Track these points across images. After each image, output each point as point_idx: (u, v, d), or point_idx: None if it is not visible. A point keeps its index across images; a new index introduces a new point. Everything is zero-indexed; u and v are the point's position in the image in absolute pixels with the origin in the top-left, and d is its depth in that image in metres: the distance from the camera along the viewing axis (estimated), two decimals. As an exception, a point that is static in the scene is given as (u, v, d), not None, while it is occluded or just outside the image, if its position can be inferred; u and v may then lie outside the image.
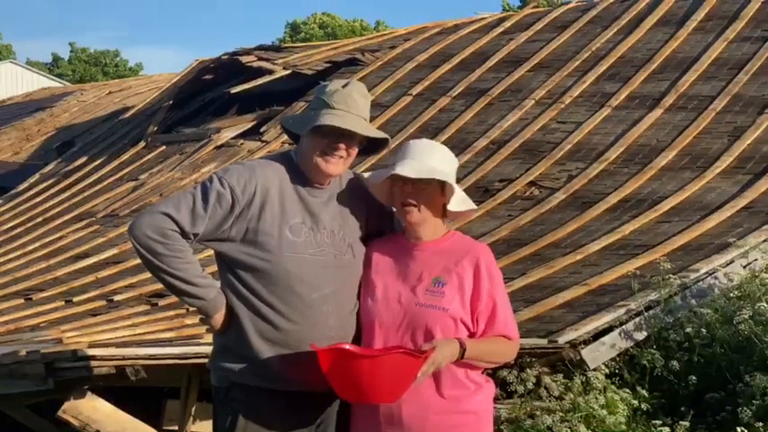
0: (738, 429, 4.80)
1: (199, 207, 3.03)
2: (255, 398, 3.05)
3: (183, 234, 3.02)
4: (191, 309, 6.69)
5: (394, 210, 3.17)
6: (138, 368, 3.91)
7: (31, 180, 12.84)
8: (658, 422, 4.96)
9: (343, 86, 3.14)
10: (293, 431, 3.07)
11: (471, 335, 2.98)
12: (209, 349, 3.87)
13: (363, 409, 3.02)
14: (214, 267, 3.28)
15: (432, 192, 3.04)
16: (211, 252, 3.24)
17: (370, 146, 3.25)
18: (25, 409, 5.00)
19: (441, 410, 2.95)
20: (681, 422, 4.88)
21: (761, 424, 4.85)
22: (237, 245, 3.07)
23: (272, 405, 3.05)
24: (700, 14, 11.55)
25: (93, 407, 4.00)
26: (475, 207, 3.17)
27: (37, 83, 32.31)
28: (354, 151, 3.16)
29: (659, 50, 10.92)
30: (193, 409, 4.86)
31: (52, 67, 52.62)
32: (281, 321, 3.04)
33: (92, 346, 4.06)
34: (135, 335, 5.83)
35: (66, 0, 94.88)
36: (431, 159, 3.06)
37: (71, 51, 54.73)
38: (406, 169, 3.02)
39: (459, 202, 3.08)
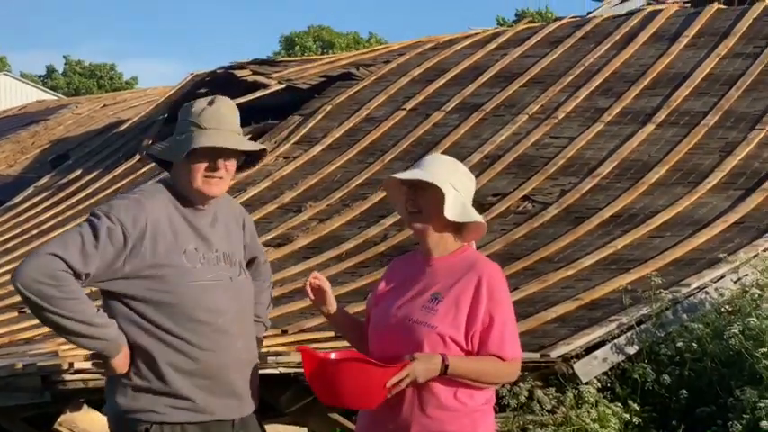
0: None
1: (89, 245, 2.87)
2: None
3: (75, 275, 2.86)
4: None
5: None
6: (135, 381, 3.94)
7: (26, 193, 12.85)
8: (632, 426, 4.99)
9: (210, 104, 3.07)
10: None
11: (467, 353, 2.94)
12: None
13: (361, 421, 3.06)
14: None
15: (432, 199, 2.99)
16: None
17: (248, 159, 3.18)
18: (21, 422, 5.00)
19: (422, 428, 2.93)
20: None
21: (750, 437, 4.89)
22: (134, 281, 2.93)
23: None
24: (692, 31, 11.65)
25: (89, 419, 4.02)
26: (480, 220, 3.09)
27: (31, 95, 32.32)
28: (233, 167, 3.08)
29: (651, 66, 11.00)
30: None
31: (46, 79, 52.69)
32: (194, 351, 2.95)
33: (88, 358, 4.08)
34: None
35: (61, 12, 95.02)
36: (435, 168, 3.03)
37: (65, 64, 54.83)
38: (405, 174, 3.02)
39: (458, 212, 3.01)
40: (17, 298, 8.39)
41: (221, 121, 3.01)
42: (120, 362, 2.93)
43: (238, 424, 3.02)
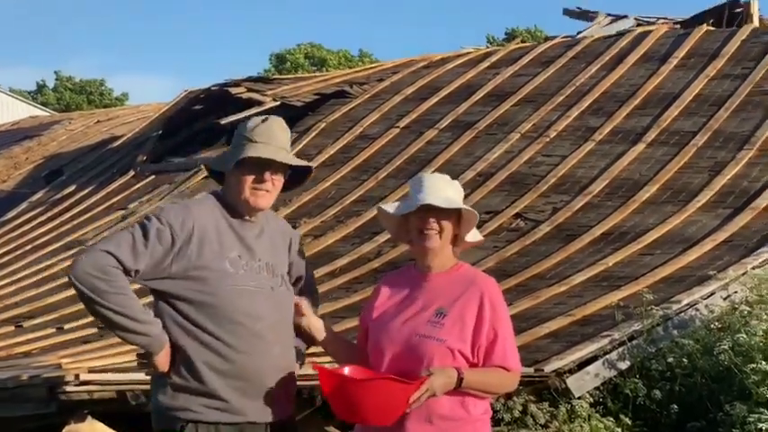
0: (718, 457, 4.93)
1: (139, 244, 3.05)
2: None
3: (125, 271, 3.02)
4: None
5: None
6: (139, 393, 4.02)
7: (20, 208, 12.89)
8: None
9: (263, 121, 3.26)
10: None
11: (472, 365, 3.07)
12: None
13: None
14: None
15: (450, 221, 3.17)
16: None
17: (294, 179, 3.34)
18: None
19: None
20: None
21: (739, 452, 4.97)
22: (179, 281, 3.09)
23: None
24: (681, 52, 11.80)
25: (92, 430, 4.09)
26: (482, 238, 3.30)
27: (21, 111, 32.29)
28: (280, 182, 3.25)
29: (642, 86, 11.14)
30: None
31: (36, 95, 52.65)
32: (230, 353, 3.08)
33: (92, 371, 4.15)
34: (127, 362, 5.91)
35: (49, 28, 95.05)
36: (449, 192, 3.19)
37: (56, 80, 54.82)
38: (438, 200, 3.14)
39: (473, 232, 3.23)
40: (14, 312, 8.48)
41: (271, 137, 3.19)
42: (162, 360, 3.07)
43: (272, 427, 3.12)
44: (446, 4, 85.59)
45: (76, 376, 3.92)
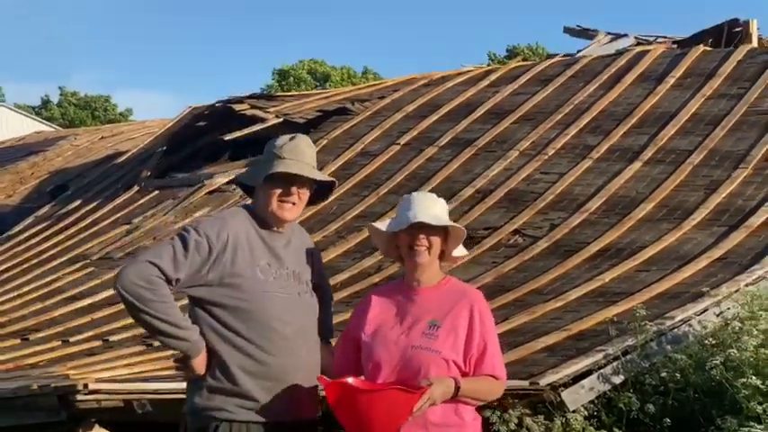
0: (708, 469, 5.04)
1: (179, 255, 3.27)
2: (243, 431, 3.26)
3: (167, 280, 3.25)
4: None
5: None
6: (145, 402, 4.16)
7: (26, 222, 13.05)
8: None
9: (291, 139, 3.49)
10: None
11: (464, 374, 3.25)
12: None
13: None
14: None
15: (438, 237, 3.37)
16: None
17: (319, 193, 3.57)
18: None
19: None
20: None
21: (729, 464, 5.07)
22: (215, 288, 3.32)
23: None
24: (678, 71, 11.95)
25: (99, 438, 4.23)
26: (467, 253, 3.48)
27: (26, 126, 32.49)
28: (305, 196, 3.48)
29: (639, 105, 11.28)
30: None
31: (41, 110, 52.88)
32: (261, 355, 3.30)
33: (99, 381, 4.29)
34: (132, 374, 6.04)
35: (54, 43, 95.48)
36: (436, 209, 3.39)
37: (61, 95, 55.08)
38: (427, 218, 3.34)
39: (459, 248, 3.44)
40: (21, 325, 8.62)
41: (298, 154, 3.41)
42: (199, 363, 3.28)
43: (298, 424, 3.32)
44: (448, 21, 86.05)
45: (85, 386, 4.06)
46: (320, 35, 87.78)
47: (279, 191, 3.40)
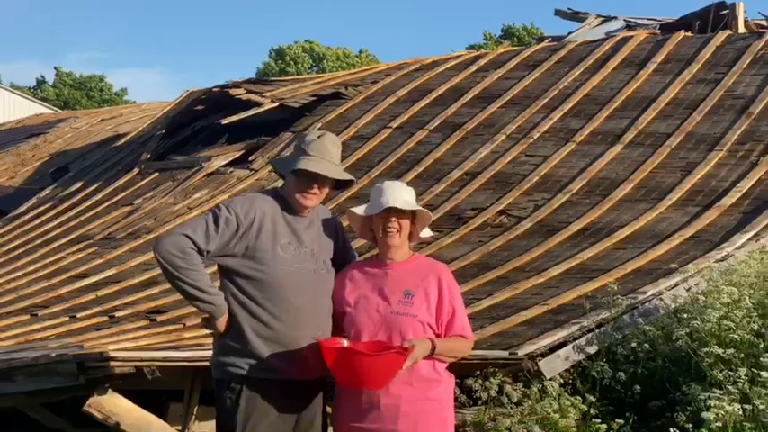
0: (671, 430, 5.44)
1: (211, 229, 3.76)
2: (253, 387, 3.74)
3: (199, 251, 3.75)
4: (187, 324, 7.39)
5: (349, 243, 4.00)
6: (154, 369, 4.59)
7: (29, 204, 13.34)
8: (598, 420, 5.59)
9: (319, 137, 3.95)
10: (284, 414, 3.77)
11: (437, 335, 3.75)
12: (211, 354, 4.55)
13: (347, 396, 3.73)
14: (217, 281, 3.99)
15: (407, 220, 3.86)
16: (215, 269, 3.96)
17: (340, 183, 4.05)
18: (41, 407, 5.59)
19: (410, 399, 3.69)
20: (616, 420, 5.52)
21: (690, 425, 5.48)
22: (240, 259, 3.80)
23: (267, 392, 3.75)
24: (659, 57, 12.34)
25: (113, 403, 4.66)
26: (433, 234, 3.96)
27: (23, 107, 32.68)
28: (326, 189, 3.96)
29: (621, 90, 11.68)
30: (195, 409, 5.50)
31: (36, 90, 53.02)
32: (273, 321, 3.76)
33: (114, 350, 4.72)
34: (138, 346, 6.45)
35: (48, 23, 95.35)
36: (405, 195, 3.87)
37: (56, 75, 55.19)
38: (398, 203, 3.82)
39: (426, 229, 3.92)
40: (29, 302, 9.02)
41: (323, 152, 3.87)
42: (222, 323, 3.77)
43: (301, 384, 3.79)
44: (444, 1, 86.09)
45: (101, 353, 4.50)
46: (316, 16, 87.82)
47: (302, 184, 3.86)
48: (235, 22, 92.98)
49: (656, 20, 19.52)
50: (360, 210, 3.91)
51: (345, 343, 3.72)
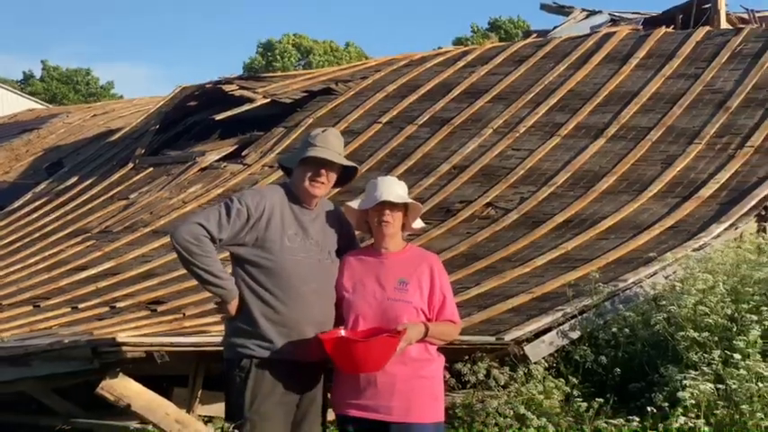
0: (648, 409, 5.76)
1: (224, 219, 4.07)
2: (261, 366, 4.06)
3: (212, 239, 4.06)
4: (186, 313, 7.67)
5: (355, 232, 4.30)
6: (163, 353, 4.88)
7: (25, 198, 13.58)
8: (579, 399, 5.90)
9: (323, 131, 4.30)
10: (289, 392, 4.08)
11: (428, 319, 4.08)
12: (217, 340, 4.87)
13: (346, 376, 4.04)
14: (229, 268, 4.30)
15: (400, 212, 4.18)
16: (227, 256, 4.27)
17: (343, 178, 4.33)
18: (52, 392, 5.85)
19: (404, 378, 4.02)
20: (596, 399, 5.83)
21: (666, 405, 5.78)
22: (249, 248, 4.10)
23: (273, 372, 4.06)
24: (641, 52, 12.66)
25: (124, 386, 4.91)
26: (424, 225, 4.25)
27: (11, 101, 32.75)
28: (333, 177, 4.25)
29: (604, 85, 12.00)
30: (199, 393, 5.78)
31: (23, 84, 53.05)
32: (280, 306, 4.07)
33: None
34: (140, 335, 6.71)
35: (34, 15, 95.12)
36: (398, 189, 4.19)
37: (43, 69, 55.23)
38: (391, 196, 4.14)
39: (418, 221, 4.25)
40: (31, 293, 9.28)
41: (328, 143, 4.19)
42: (233, 307, 4.08)
43: (305, 365, 4.10)
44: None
45: (113, 339, 4.79)
46: (303, 8, 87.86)
47: (310, 172, 4.15)
48: (222, 15, 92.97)
49: (640, 14, 19.84)
50: (356, 203, 4.22)
51: (343, 333, 4.02)
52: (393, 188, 4.16)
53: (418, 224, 4.28)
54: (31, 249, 11.18)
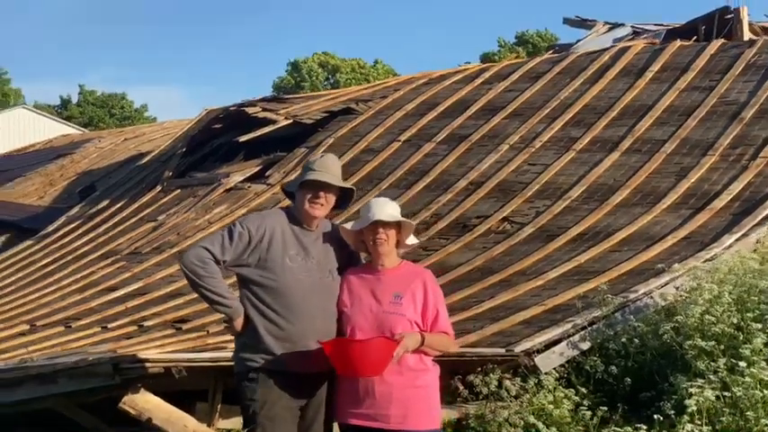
0: (655, 417, 5.90)
1: (227, 242, 4.38)
2: (268, 378, 4.32)
3: (216, 261, 4.35)
4: (210, 331, 7.95)
5: (355, 250, 4.52)
6: (181, 369, 5.13)
7: (59, 222, 13.91)
8: (584, 408, 6.05)
9: (321, 157, 4.59)
10: (296, 400, 4.35)
11: (422, 331, 4.31)
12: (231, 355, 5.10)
13: (346, 386, 4.28)
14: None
15: (394, 231, 4.42)
16: (233, 279, 4.54)
17: (342, 200, 4.59)
18: (77, 408, 6.12)
19: (401, 387, 4.25)
20: (601, 408, 5.98)
21: (673, 412, 5.92)
22: (253, 269, 4.38)
23: (280, 382, 4.33)
24: (656, 66, 12.79)
25: (145, 400, 5.19)
26: (417, 241, 4.56)
27: (47, 127, 33.44)
28: (332, 199, 4.52)
29: (619, 99, 12.12)
30: (219, 407, 6.03)
31: (61, 110, 54.01)
32: (283, 323, 4.34)
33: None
34: (165, 352, 6.97)
35: (71, 40, 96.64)
36: (390, 209, 4.44)
37: (80, 94, 56.21)
38: (384, 216, 4.38)
39: (411, 237, 4.48)
40: (62, 315, 9.59)
41: (326, 167, 4.48)
42: (239, 324, 4.37)
43: (309, 376, 4.36)
44: (458, 9, 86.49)
45: (133, 355, 5.06)
46: (331, 27, 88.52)
47: (310, 194, 4.42)
48: (251, 36, 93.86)
49: (662, 25, 19.94)
50: (349, 225, 4.48)
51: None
52: (385, 208, 4.40)
53: (411, 240, 4.51)
54: (64, 272, 11.48)
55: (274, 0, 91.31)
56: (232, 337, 7.37)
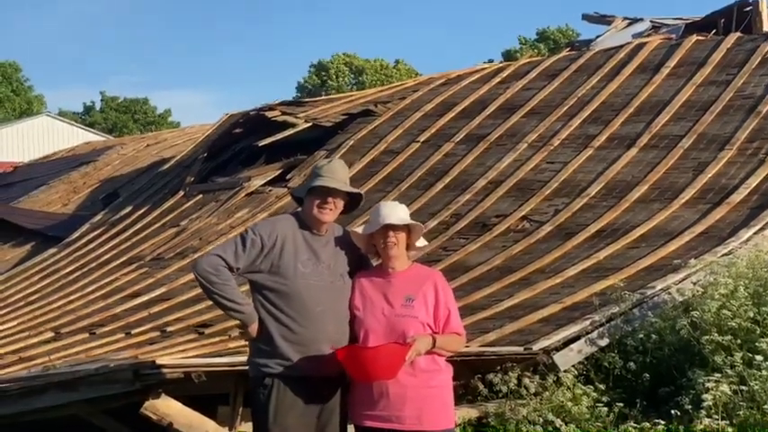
0: (673, 412, 5.94)
1: (239, 250, 4.41)
2: (282, 382, 4.38)
3: (230, 268, 4.40)
4: (232, 335, 8.04)
5: (366, 254, 4.57)
6: (201, 374, 5.22)
7: (83, 229, 14.07)
8: (601, 404, 6.08)
9: (328, 162, 4.64)
10: (309, 405, 4.39)
11: (435, 333, 4.35)
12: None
13: (360, 389, 4.34)
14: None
15: (404, 234, 4.47)
16: (247, 286, 4.61)
17: (351, 205, 4.62)
18: (100, 414, 6.22)
19: (415, 387, 4.29)
20: (617, 404, 6.02)
21: (690, 406, 5.95)
22: (265, 275, 4.43)
23: (293, 387, 4.38)
24: (673, 61, 12.78)
25: (166, 405, 5.28)
26: (427, 243, 4.60)
27: (71, 133, 33.77)
28: (340, 204, 4.55)
29: (636, 95, 12.13)
30: (240, 410, 6.11)
31: (84, 116, 54.50)
32: (296, 327, 4.39)
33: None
34: (187, 357, 7.06)
35: (92, 46, 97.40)
36: (400, 212, 4.48)
37: (102, 100, 56.69)
38: (393, 219, 4.43)
39: (421, 239, 4.53)
40: (87, 321, 9.74)
41: (333, 173, 4.51)
42: (253, 329, 4.42)
43: (323, 380, 4.41)
44: (478, 7, 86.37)
45: (153, 361, 5.15)
46: (353, 28, 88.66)
47: (318, 200, 4.45)
48: (273, 38, 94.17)
49: (681, 19, 19.84)
50: (360, 229, 4.53)
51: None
52: (395, 211, 4.45)
53: (421, 243, 4.56)
54: (89, 279, 11.63)
55: (293, 2, 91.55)
56: (251, 342, 7.55)
